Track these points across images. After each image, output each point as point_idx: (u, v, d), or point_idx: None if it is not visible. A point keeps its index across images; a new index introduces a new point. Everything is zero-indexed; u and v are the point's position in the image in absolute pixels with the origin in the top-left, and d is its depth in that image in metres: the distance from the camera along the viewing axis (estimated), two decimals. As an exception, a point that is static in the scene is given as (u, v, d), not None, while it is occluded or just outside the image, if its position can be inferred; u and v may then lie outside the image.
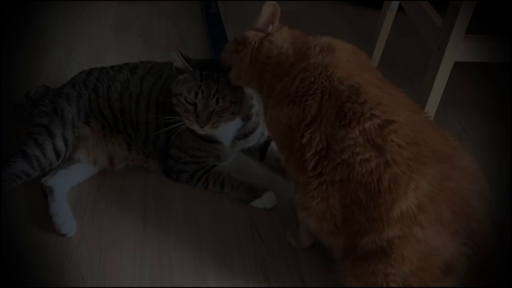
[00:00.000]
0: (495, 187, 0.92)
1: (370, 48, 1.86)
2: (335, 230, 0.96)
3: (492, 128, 1.59)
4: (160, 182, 1.36)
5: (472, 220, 0.85)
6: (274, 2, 1.06)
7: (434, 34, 1.31)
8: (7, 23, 2.10)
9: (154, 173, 1.38)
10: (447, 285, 0.86)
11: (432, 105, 1.35)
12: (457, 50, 1.25)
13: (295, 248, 1.18)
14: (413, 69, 1.88)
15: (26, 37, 2.00)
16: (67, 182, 1.30)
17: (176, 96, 1.22)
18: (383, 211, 0.85)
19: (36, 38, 1.99)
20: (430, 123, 0.93)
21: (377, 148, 0.86)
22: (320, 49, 0.99)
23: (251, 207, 1.29)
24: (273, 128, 1.04)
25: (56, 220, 1.19)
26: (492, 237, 0.86)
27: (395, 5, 1.72)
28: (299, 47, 1.02)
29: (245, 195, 1.29)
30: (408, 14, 1.52)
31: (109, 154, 1.35)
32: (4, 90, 1.66)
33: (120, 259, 1.15)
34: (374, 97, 0.89)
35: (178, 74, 1.22)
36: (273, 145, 1.42)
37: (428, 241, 0.84)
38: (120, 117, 1.35)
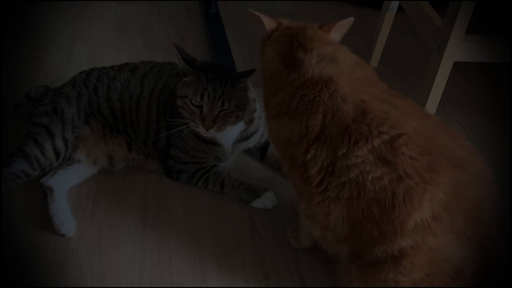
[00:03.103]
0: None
1: (370, 48, 1.86)
2: (340, 240, 0.95)
3: (492, 128, 1.59)
4: (160, 182, 1.36)
5: (483, 226, 0.84)
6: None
7: (434, 34, 1.31)
8: (7, 23, 2.10)
9: (154, 173, 1.38)
10: None
11: (432, 105, 1.35)
12: (457, 50, 1.25)
13: (295, 248, 1.18)
14: (413, 69, 1.88)
15: (26, 37, 2.00)
16: (67, 182, 1.30)
17: (181, 98, 1.22)
18: (398, 224, 0.84)
19: (36, 38, 1.99)
20: (440, 126, 0.91)
21: (388, 164, 0.84)
22: (319, 60, 0.93)
23: (251, 207, 1.29)
24: (274, 139, 1.02)
25: (55, 220, 1.19)
26: (500, 242, 0.86)
27: (395, 5, 1.72)
28: (291, 60, 0.95)
29: (245, 195, 1.29)
30: (408, 14, 1.52)
31: (109, 154, 1.35)
32: (4, 90, 1.66)
33: (120, 259, 1.15)
34: (381, 113, 0.86)
35: (183, 76, 1.22)
36: (273, 145, 1.42)
37: (440, 249, 0.84)
38: (120, 117, 1.35)
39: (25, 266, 1.13)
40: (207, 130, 1.19)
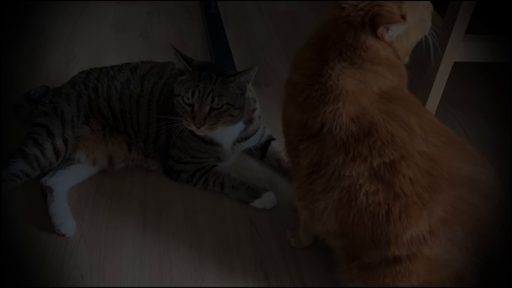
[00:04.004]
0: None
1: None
2: (330, 233, 0.94)
3: (492, 128, 1.59)
4: (159, 182, 1.36)
5: (483, 236, 0.83)
6: None
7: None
8: (7, 23, 2.10)
9: (153, 173, 1.38)
10: None
11: (432, 105, 1.35)
12: (456, 50, 1.25)
13: (295, 247, 1.18)
14: (413, 69, 1.88)
15: (26, 37, 2.00)
16: (66, 182, 1.30)
17: (176, 97, 1.22)
18: (392, 236, 0.83)
19: (36, 38, 1.99)
20: (450, 143, 0.87)
21: (384, 182, 0.82)
22: (343, 68, 0.84)
23: (251, 207, 1.29)
24: (282, 107, 0.98)
25: (55, 220, 1.19)
26: (501, 248, 0.86)
27: (395, 5, 1.72)
28: (319, 49, 0.87)
29: (245, 195, 1.29)
30: (408, 14, 1.52)
31: (109, 154, 1.35)
32: (4, 90, 1.66)
33: (119, 259, 1.15)
34: (387, 135, 0.82)
35: (179, 75, 1.22)
36: (273, 145, 1.42)
37: (437, 258, 0.83)
38: (120, 117, 1.35)
39: (25, 266, 1.13)
40: (198, 128, 1.19)
